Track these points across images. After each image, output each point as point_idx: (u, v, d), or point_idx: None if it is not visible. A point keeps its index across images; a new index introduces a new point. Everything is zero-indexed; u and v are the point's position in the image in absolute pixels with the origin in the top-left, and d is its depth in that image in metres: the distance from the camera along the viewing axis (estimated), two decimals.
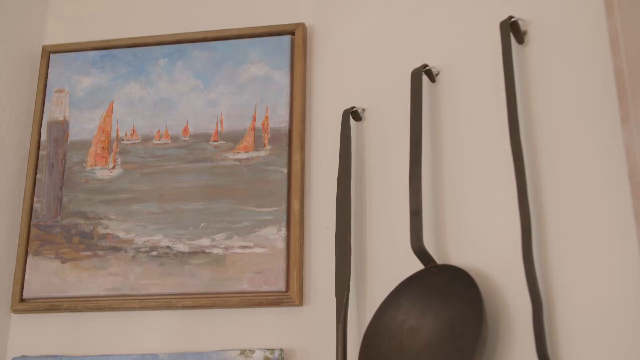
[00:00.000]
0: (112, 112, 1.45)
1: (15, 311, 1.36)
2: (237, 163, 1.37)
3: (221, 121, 1.40)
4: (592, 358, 1.12)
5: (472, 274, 1.16)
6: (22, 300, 1.36)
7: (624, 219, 1.15)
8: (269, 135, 1.37)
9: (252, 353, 1.26)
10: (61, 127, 1.45)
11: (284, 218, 1.32)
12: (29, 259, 1.38)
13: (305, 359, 1.25)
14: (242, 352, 1.27)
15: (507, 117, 1.20)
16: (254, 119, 1.39)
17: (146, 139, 1.42)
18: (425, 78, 1.32)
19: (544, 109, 1.25)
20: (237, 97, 1.40)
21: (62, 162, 1.43)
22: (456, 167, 1.27)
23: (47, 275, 1.36)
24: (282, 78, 1.40)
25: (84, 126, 1.45)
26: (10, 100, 1.44)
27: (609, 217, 1.17)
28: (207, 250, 1.33)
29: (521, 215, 1.14)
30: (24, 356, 1.33)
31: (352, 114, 1.34)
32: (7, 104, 1.44)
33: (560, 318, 1.14)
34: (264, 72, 1.41)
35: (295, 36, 1.42)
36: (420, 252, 1.19)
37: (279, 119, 1.37)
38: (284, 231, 1.31)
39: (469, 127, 1.28)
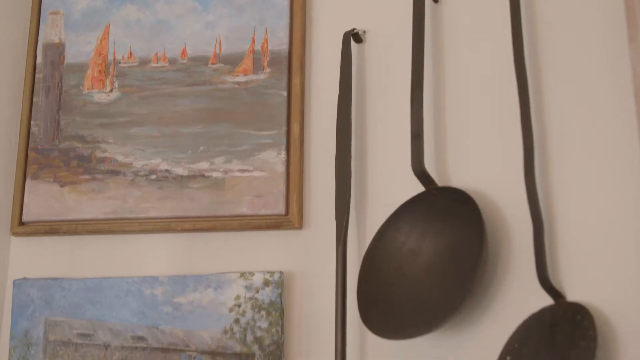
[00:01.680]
0: (108, 35, 1.42)
1: (15, 234, 1.36)
2: (236, 86, 1.35)
3: (220, 44, 1.37)
4: (593, 278, 1.12)
5: (473, 195, 1.15)
6: (21, 223, 1.36)
7: (628, 140, 1.14)
8: (268, 58, 1.35)
9: (252, 276, 1.26)
10: (57, 50, 1.43)
11: (284, 141, 1.31)
12: (28, 182, 1.37)
13: (305, 281, 1.26)
14: (242, 274, 1.27)
15: (511, 38, 1.18)
16: (253, 42, 1.36)
17: (144, 62, 1.40)
18: None
19: (550, 29, 1.22)
20: (236, 19, 1.38)
21: (58, 86, 1.41)
22: (458, 88, 1.25)
23: (46, 199, 1.36)
24: None
25: (80, 49, 1.42)
26: (4, 23, 1.42)
27: (614, 138, 1.16)
28: (206, 174, 1.32)
29: (523, 136, 1.13)
30: (24, 278, 1.33)
31: (353, 36, 1.32)
32: (1, 27, 1.41)
33: (561, 239, 1.14)
34: None
35: None
36: (421, 174, 1.18)
37: (279, 41, 1.35)
38: (283, 155, 1.30)
39: (472, 48, 1.26)
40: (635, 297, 1.09)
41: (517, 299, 1.14)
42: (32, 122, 1.40)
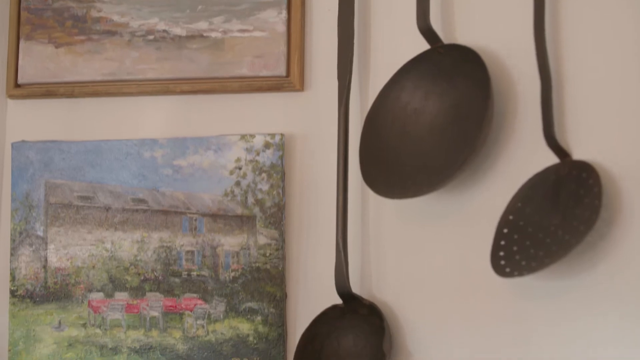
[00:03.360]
0: None
1: (11, 97, 1.33)
2: None
3: None
4: (599, 137, 1.10)
5: (480, 52, 1.11)
6: (17, 85, 1.33)
7: None
8: None
9: (253, 138, 1.25)
10: None
11: (285, 0, 1.26)
12: (22, 43, 1.33)
13: (306, 143, 1.24)
14: (242, 137, 1.25)
15: None
16: None
17: None
18: None
19: None
20: None
21: None
22: None
23: (41, 61, 1.32)
24: None
25: None
26: None
27: None
28: (205, 34, 1.28)
29: None
30: (23, 141, 1.32)
31: None
32: None
33: (568, 97, 1.12)
34: None
35: None
36: (427, 30, 1.15)
37: None
38: (284, 14, 1.26)
39: None
40: None
41: (522, 158, 1.12)
42: None
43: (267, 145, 1.24)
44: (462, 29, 1.18)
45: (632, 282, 1.07)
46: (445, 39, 1.17)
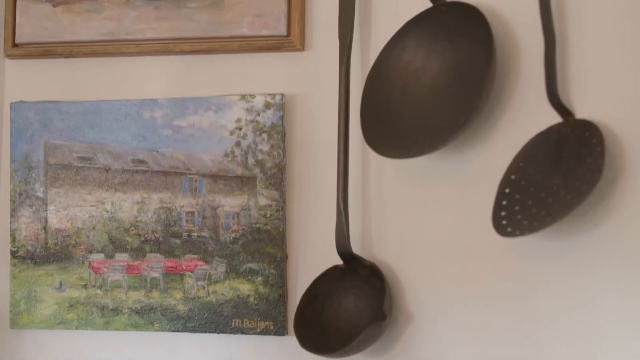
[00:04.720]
0: None
1: (9, 56, 1.32)
2: None
3: None
4: (603, 95, 1.09)
5: (483, 10, 1.10)
6: (15, 45, 1.32)
7: None
8: None
9: (253, 98, 1.24)
10: None
11: None
12: (19, 2, 1.31)
13: (307, 103, 1.23)
14: (243, 97, 1.24)
15: None
16: None
17: None
18: None
19: None
20: None
21: None
22: None
23: (39, 20, 1.31)
24: None
25: None
26: None
27: None
28: None
29: None
30: (21, 101, 1.31)
31: None
32: None
33: (572, 55, 1.10)
34: None
35: None
36: None
37: None
38: None
39: None
40: None
41: (524, 117, 1.11)
42: None
43: (267, 106, 1.23)
44: None
45: (635, 242, 1.06)
46: None
